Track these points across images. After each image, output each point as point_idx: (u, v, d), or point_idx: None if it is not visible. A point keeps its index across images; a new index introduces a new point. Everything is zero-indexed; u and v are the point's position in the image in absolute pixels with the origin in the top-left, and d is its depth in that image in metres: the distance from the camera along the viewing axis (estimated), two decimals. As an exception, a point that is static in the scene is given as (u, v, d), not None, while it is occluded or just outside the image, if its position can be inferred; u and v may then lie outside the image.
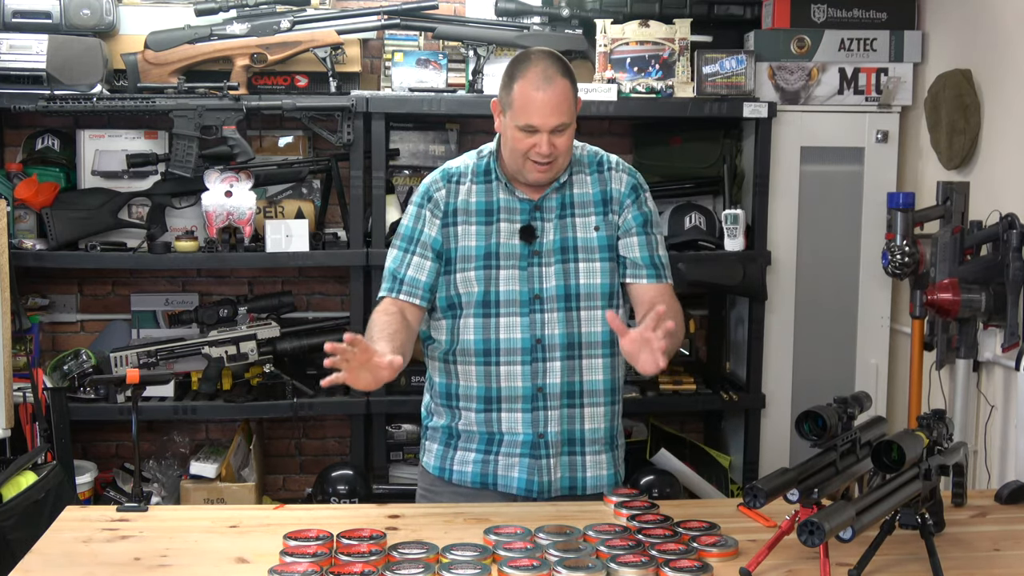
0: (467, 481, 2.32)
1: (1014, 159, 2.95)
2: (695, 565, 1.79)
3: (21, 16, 3.19)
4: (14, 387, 3.12)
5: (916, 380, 3.21)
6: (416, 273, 2.28)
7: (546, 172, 2.23)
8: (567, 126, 2.20)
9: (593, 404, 2.30)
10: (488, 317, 2.25)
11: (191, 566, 1.84)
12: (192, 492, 3.33)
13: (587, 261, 2.27)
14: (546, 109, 2.16)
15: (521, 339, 2.24)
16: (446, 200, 2.29)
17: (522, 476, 2.28)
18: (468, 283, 2.26)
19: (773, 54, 3.47)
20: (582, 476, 2.31)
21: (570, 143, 2.24)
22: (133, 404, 2.28)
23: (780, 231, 3.49)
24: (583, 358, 2.27)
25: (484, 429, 2.29)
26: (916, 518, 1.80)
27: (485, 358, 2.26)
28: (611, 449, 2.35)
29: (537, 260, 2.26)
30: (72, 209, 3.27)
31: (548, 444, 2.27)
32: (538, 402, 2.26)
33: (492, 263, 2.26)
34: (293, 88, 3.40)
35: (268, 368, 3.36)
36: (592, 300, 2.27)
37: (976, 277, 2.91)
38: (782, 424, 3.50)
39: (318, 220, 3.52)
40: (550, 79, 2.16)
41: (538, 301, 2.25)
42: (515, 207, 2.28)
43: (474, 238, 2.27)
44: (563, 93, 2.18)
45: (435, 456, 2.36)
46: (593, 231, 2.29)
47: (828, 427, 1.81)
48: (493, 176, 2.31)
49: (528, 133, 2.18)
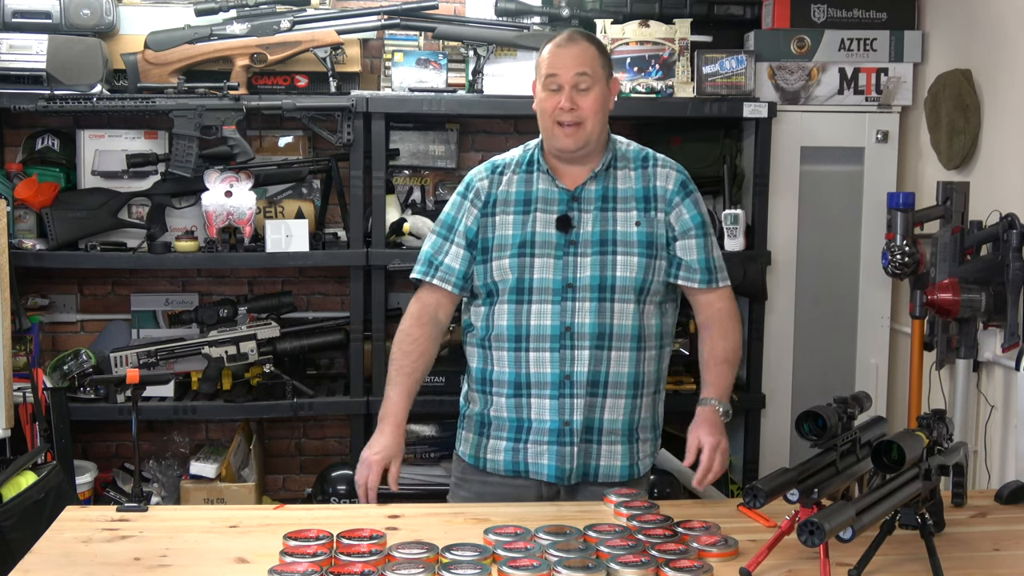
0: (500, 469, 2.36)
1: (1014, 159, 2.95)
2: (695, 565, 1.79)
3: (21, 16, 3.19)
4: (14, 387, 3.12)
5: (916, 380, 3.20)
6: (451, 261, 2.36)
7: (573, 136, 2.28)
8: (591, 82, 2.27)
9: (615, 395, 2.32)
10: (520, 304, 2.30)
11: (191, 566, 1.84)
12: (192, 492, 3.33)
13: (625, 255, 2.30)
14: (567, 59, 2.27)
15: (551, 326, 2.28)
16: (488, 191, 2.37)
17: (552, 463, 2.31)
18: (503, 271, 2.31)
19: (773, 54, 3.47)
20: (595, 464, 2.34)
21: (598, 107, 2.29)
22: (133, 404, 2.28)
23: (780, 231, 3.49)
24: (611, 349, 2.30)
25: (514, 415, 2.33)
26: (916, 518, 1.80)
27: (516, 344, 2.31)
28: (628, 442, 2.35)
29: (573, 250, 2.30)
30: (72, 209, 3.27)
31: (573, 431, 2.30)
32: (565, 389, 2.29)
33: (527, 251, 2.31)
34: (293, 88, 3.40)
35: (268, 368, 3.36)
36: (626, 293, 2.30)
37: (976, 277, 2.91)
38: (782, 424, 3.50)
39: (318, 220, 3.52)
40: (575, 40, 2.31)
41: (571, 290, 2.29)
42: (553, 197, 2.33)
43: (511, 227, 2.33)
44: (586, 50, 2.29)
45: (471, 445, 2.41)
46: (634, 226, 2.32)
47: (828, 427, 1.81)
48: (536, 167, 2.37)
49: (552, 92, 2.28)
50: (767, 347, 3.50)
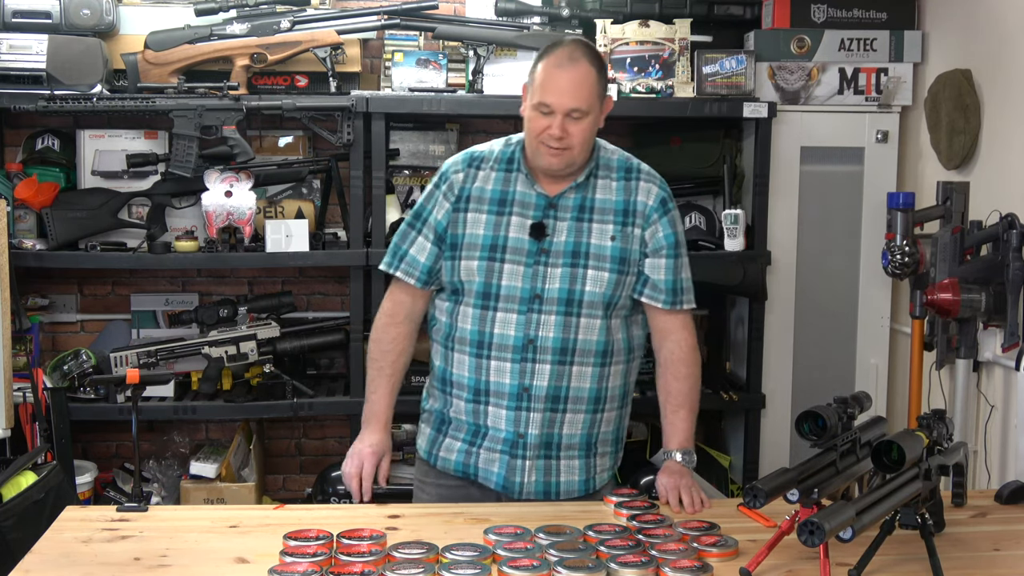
0: (450, 469, 2.33)
1: (1014, 159, 2.95)
2: (695, 565, 1.79)
3: (21, 16, 3.19)
4: (14, 387, 3.12)
5: (916, 380, 3.20)
6: (416, 253, 2.30)
7: (558, 158, 2.18)
8: (584, 114, 2.15)
9: (575, 411, 2.26)
10: (486, 309, 2.24)
11: (191, 566, 1.84)
12: (192, 492, 3.33)
13: (596, 269, 2.23)
14: (563, 87, 2.13)
15: (514, 337, 2.22)
16: (462, 184, 2.28)
17: (500, 472, 2.27)
18: (470, 272, 2.24)
19: (773, 54, 3.47)
20: (556, 481, 2.29)
21: (587, 135, 2.18)
22: (133, 404, 2.28)
23: (780, 231, 3.49)
24: (574, 364, 2.24)
25: (472, 420, 2.29)
26: (916, 518, 1.80)
27: (478, 350, 2.25)
28: (585, 456, 2.30)
29: (544, 259, 2.23)
30: (72, 209, 3.27)
31: (527, 445, 2.25)
32: (522, 402, 2.24)
33: (497, 256, 2.23)
34: (293, 88, 3.40)
35: (268, 368, 3.36)
36: (594, 308, 2.24)
37: (976, 277, 2.91)
38: (782, 424, 3.50)
39: (318, 220, 3.52)
40: (574, 60, 2.15)
41: (538, 301, 2.22)
42: (530, 201, 2.25)
43: (482, 227, 2.25)
44: (584, 76, 2.14)
45: (427, 440, 2.38)
46: (609, 240, 2.25)
47: (828, 427, 1.81)
48: (516, 166, 2.28)
49: (543, 114, 2.16)
50: (767, 347, 3.49)
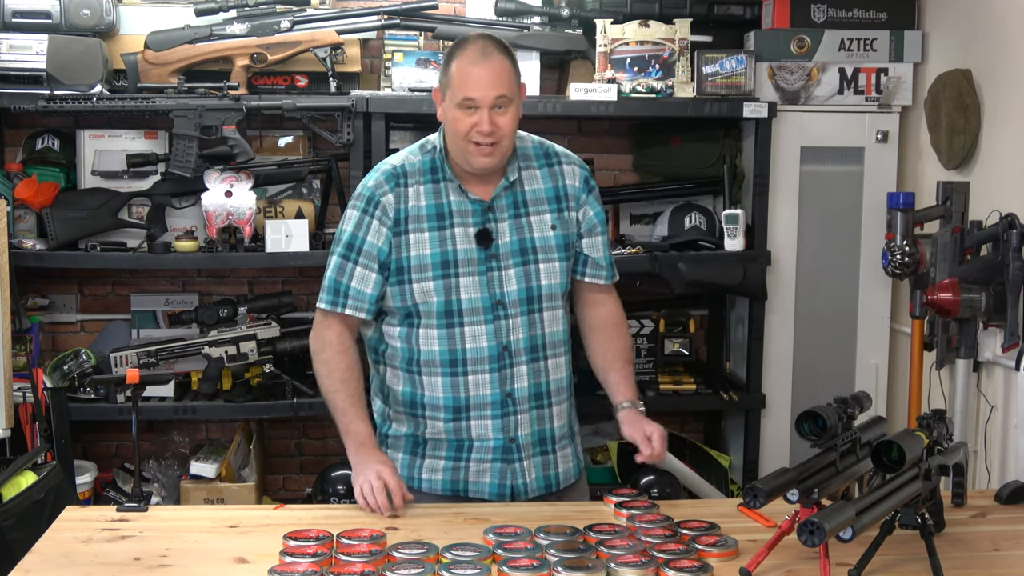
0: (437, 489, 2.27)
1: (1014, 159, 2.95)
2: (695, 565, 1.79)
3: (21, 16, 3.19)
4: (14, 387, 3.12)
5: (916, 380, 3.21)
6: (360, 285, 2.21)
7: (490, 155, 2.16)
8: (508, 102, 2.14)
9: (559, 402, 2.29)
10: (452, 327, 2.20)
11: (191, 566, 1.84)
12: (192, 492, 3.33)
13: (547, 262, 2.25)
14: (484, 81, 2.12)
15: (488, 347, 2.21)
16: (396, 207, 2.20)
17: (494, 481, 2.25)
18: (427, 293, 2.19)
19: (773, 54, 3.47)
20: (555, 473, 2.31)
21: (513, 125, 2.18)
22: (133, 404, 2.28)
23: (780, 231, 3.49)
24: (547, 359, 2.26)
25: (453, 437, 2.25)
26: (916, 518, 1.80)
27: (452, 368, 2.21)
28: (572, 441, 2.36)
29: (496, 264, 2.22)
30: (72, 209, 3.27)
31: (520, 447, 2.25)
32: (508, 407, 2.23)
33: (451, 271, 2.19)
34: (293, 88, 3.40)
35: (268, 368, 3.36)
36: (553, 300, 2.26)
37: (976, 277, 2.91)
38: (782, 424, 3.50)
39: (318, 220, 3.52)
40: (488, 54, 2.14)
41: (501, 307, 2.21)
42: (467, 209, 2.22)
43: (428, 245, 2.19)
44: (501, 67, 2.14)
45: (401, 465, 2.27)
46: (550, 230, 2.26)
47: (828, 427, 1.81)
48: (441, 175, 2.23)
49: (468, 111, 2.13)
50: (767, 347, 3.49)
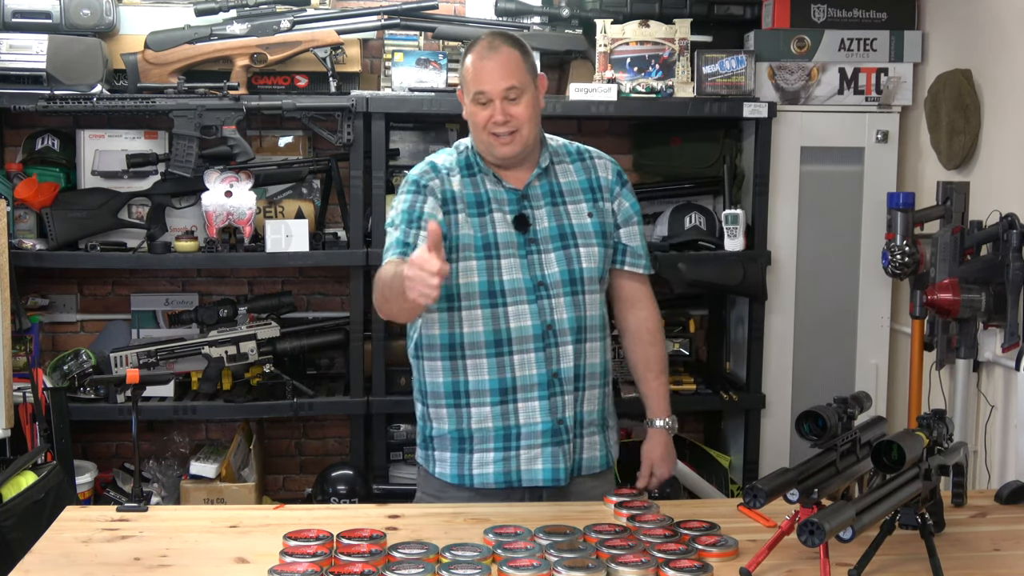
0: (489, 483, 2.29)
1: (1014, 159, 2.95)
2: (695, 565, 1.79)
3: (21, 16, 3.19)
4: (14, 387, 3.12)
5: (916, 380, 3.21)
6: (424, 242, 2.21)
7: (510, 144, 2.24)
8: (520, 92, 2.22)
9: (592, 387, 2.32)
10: (496, 307, 2.25)
11: (191, 566, 1.84)
12: (192, 492, 3.33)
13: (586, 246, 2.31)
14: (494, 73, 2.20)
15: (532, 326, 2.25)
16: (442, 188, 2.28)
17: (547, 466, 2.28)
18: (469, 272, 2.24)
19: (773, 54, 3.47)
20: (579, 458, 2.32)
21: (530, 113, 2.24)
22: (133, 404, 2.28)
23: (780, 231, 3.49)
24: (587, 341, 2.30)
25: (500, 423, 2.27)
26: (916, 518, 1.80)
27: (497, 349, 2.25)
28: (603, 430, 2.37)
29: (536, 248, 2.28)
30: (72, 209, 3.27)
31: (567, 429, 2.28)
32: (555, 388, 2.26)
33: (492, 252, 2.26)
34: (293, 88, 3.40)
35: (268, 368, 3.36)
36: (593, 284, 2.31)
37: (976, 277, 2.91)
38: (782, 424, 3.50)
39: (318, 220, 3.52)
40: (495, 47, 2.23)
41: (543, 288, 2.26)
42: (503, 197, 2.30)
43: (471, 227, 2.26)
44: (509, 58, 2.22)
45: (450, 464, 2.31)
46: (587, 217, 2.33)
47: (828, 427, 1.81)
48: (476, 169, 2.32)
49: (483, 105, 2.23)
50: (767, 347, 3.49)
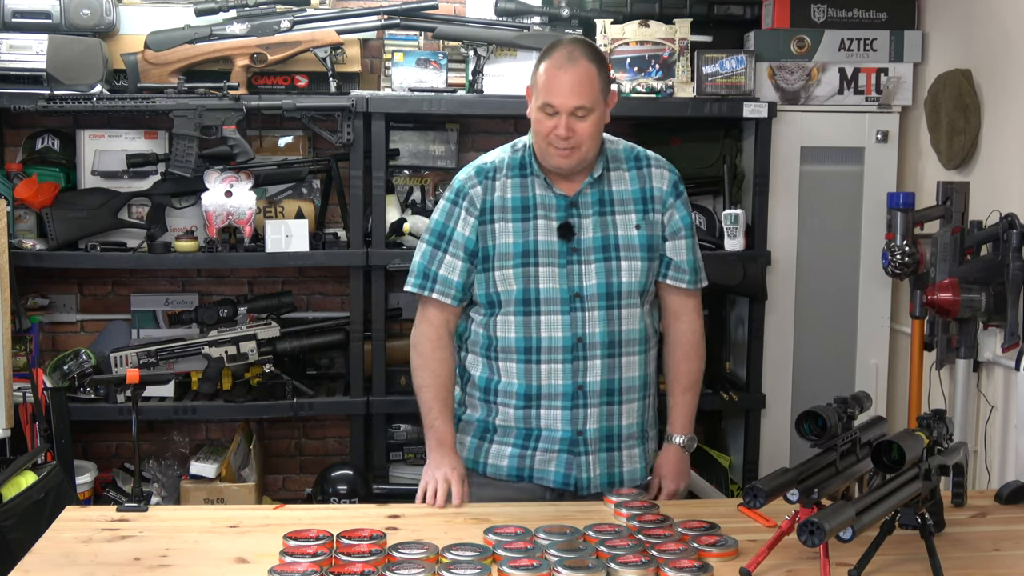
0: (502, 474, 2.32)
1: (1014, 159, 2.95)
2: (695, 565, 1.79)
3: (21, 16, 3.19)
4: (14, 387, 3.12)
5: (916, 380, 3.20)
6: (448, 272, 2.28)
7: (568, 157, 2.21)
8: (588, 112, 2.17)
9: (629, 400, 2.31)
10: (529, 315, 2.25)
11: (191, 566, 1.84)
12: (192, 492, 3.33)
13: (628, 259, 2.28)
14: (565, 88, 2.15)
15: (563, 337, 2.25)
16: (483, 197, 2.27)
17: (559, 471, 2.29)
18: (507, 281, 2.25)
19: (773, 54, 3.47)
20: (619, 471, 2.33)
21: (594, 131, 2.21)
22: (133, 404, 2.28)
23: (780, 231, 3.49)
24: (622, 355, 2.28)
25: (523, 425, 2.29)
26: (916, 518, 1.80)
27: (526, 356, 2.26)
28: (643, 443, 2.36)
29: (576, 258, 2.26)
30: (72, 209, 3.27)
31: (587, 441, 2.28)
32: (578, 400, 2.26)
33: (531, 260, 2.25)
34: (293, 88, 3.40)
35: (268, 368, 3.36)
36: (632, 298, 2.28)
37: (976, 277, 2.91)
38: (782, 424, 3.50)
39: (318, 220, 3.52)
40: (575, 60, 2.16)
41: (579, 299, 2.25)
42: (551, 203, 2.27)
43: (511, 235, 2.26)
44: (585, 74, 2.16)
45: (468, 449, 2.35)
46: (634, 229, 2.29)
47: (828, 427, 1.81)
48: (529, 170, 2.29)
49: (548, 115, 2.18)
50: (767, 347, 3.50)
